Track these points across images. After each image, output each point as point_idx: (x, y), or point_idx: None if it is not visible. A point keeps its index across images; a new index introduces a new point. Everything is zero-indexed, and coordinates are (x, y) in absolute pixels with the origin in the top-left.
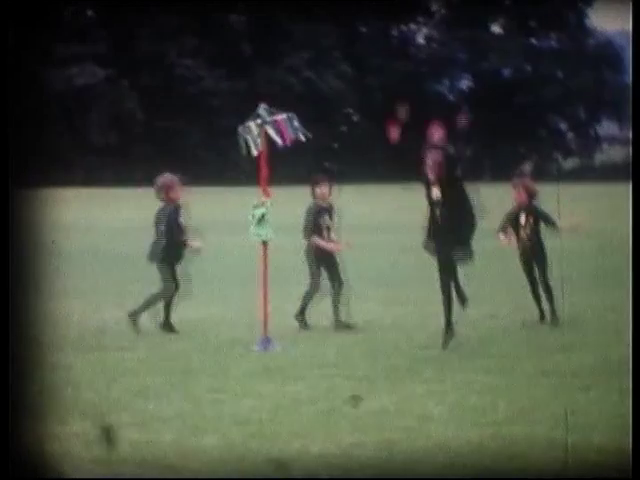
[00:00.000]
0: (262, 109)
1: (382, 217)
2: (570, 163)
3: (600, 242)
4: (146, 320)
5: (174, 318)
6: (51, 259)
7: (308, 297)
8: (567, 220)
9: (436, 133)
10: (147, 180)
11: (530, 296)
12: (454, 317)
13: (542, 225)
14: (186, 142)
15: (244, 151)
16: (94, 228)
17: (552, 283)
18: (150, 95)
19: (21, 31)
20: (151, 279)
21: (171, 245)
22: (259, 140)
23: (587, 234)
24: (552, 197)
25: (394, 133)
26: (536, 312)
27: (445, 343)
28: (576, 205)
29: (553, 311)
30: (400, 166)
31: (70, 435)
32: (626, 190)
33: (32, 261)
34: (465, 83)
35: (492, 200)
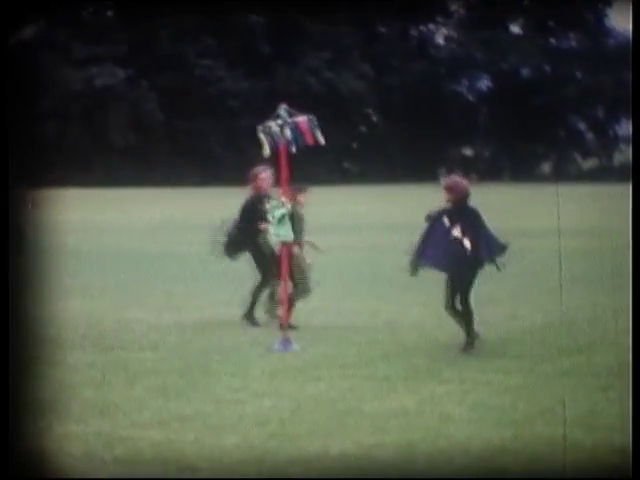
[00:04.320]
0: (282, 110)
1: (401, 217)
2: (589, 163)
3: (618, 242)
4: (167, 317)
5: (195, 317)
6: (72, 259)
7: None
8: None
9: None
10: (166, 180)
11: (550, 296)
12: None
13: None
14: (205, 142)
15: (266, 151)
16: (114, 228)
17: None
18: (169, 96)
19: (41, 32)
20: (171, 277)
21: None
22: (279, 140)
23: (606, 234)
24: (569, 197)
25: None
26: (556, 312)
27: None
28: (596, 205)
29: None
30: (419, 166)
31: (91, 435)
32: None
33: (53, 261)
34: (484, 83)
35: (512, 200)
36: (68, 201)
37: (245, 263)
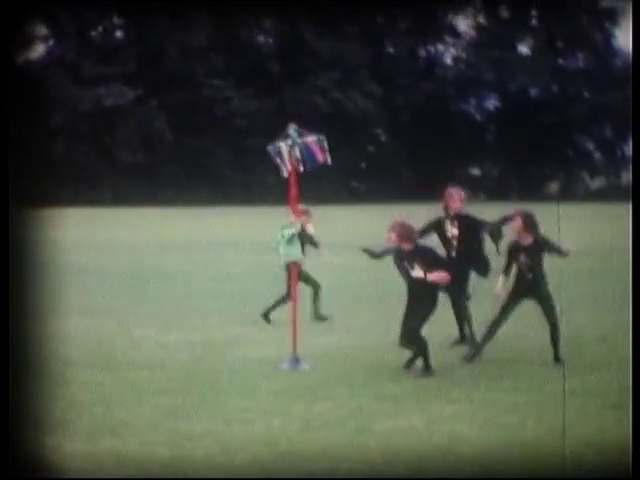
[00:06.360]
0: (292, 130)
1: None
2: (597, 183)
3: (625, 260)
4: (177, 336)
5: (204, 336)
6: (80, 277)
7: None
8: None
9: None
10: (174, 199)
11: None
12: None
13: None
14: (214, 162)
15: (284, 172)
16: (123, 246)
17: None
18: (178, 115)
19: (50, 51)
20: (179, 296)
21: None
22: (288, 161)
23: (613, 253)
24: (576, 216)
25: None
26: (562, 331)
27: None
28: (603, 224)
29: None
30: (427, 185)
31: (100, 453)
32: None
33: (61, 279)
34: (492, 103)
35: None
36: (77, 220)
37: (253, 283)
